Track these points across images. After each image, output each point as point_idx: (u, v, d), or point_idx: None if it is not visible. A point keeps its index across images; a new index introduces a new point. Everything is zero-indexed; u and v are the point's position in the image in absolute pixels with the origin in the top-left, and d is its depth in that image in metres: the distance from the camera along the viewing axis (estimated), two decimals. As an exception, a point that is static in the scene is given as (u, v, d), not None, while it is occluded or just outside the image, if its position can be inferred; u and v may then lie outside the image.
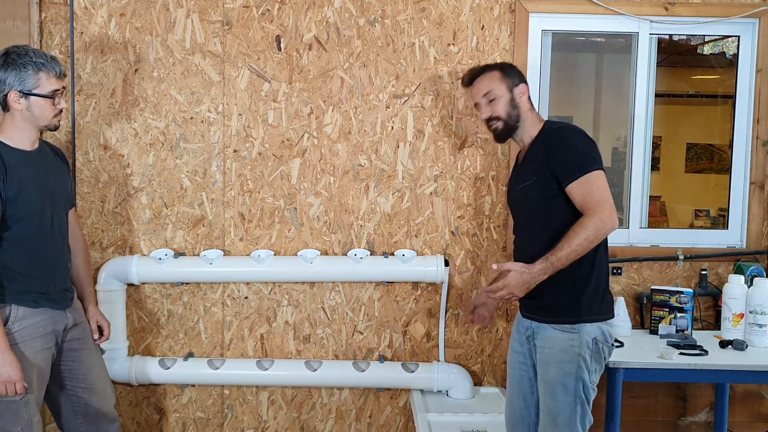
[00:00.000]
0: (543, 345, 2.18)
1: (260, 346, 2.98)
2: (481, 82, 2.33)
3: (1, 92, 2.15)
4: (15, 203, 2.14)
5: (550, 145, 2.16)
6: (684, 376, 2.56)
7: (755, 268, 2.87)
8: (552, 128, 2.23)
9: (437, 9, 2.86)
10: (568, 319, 2.14)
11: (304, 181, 2.91)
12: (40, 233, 2.22)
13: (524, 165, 2.29)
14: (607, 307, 2.19)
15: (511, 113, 2.28)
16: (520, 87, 2.29)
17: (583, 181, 2.07)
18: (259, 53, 2.86)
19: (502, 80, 2.30)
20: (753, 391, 3.09)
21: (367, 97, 2.88)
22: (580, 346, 2.11)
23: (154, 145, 2.89)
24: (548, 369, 2.16)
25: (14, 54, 2.15)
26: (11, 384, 2.10)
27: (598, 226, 2.04)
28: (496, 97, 2.28)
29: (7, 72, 2.14)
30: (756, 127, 2.96)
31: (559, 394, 2.12)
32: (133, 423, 3.01)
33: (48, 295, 2.25)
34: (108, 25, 2.83)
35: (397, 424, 3.02)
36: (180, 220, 2.91)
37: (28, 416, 2.18)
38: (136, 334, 2.95)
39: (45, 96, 2.18)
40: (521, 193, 2.26)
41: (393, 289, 2.96)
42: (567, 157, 2.11)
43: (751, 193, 2.99)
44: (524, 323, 2.28)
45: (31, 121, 2.20)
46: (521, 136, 2.30)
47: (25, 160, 2.20)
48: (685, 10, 2.90)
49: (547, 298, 2.16)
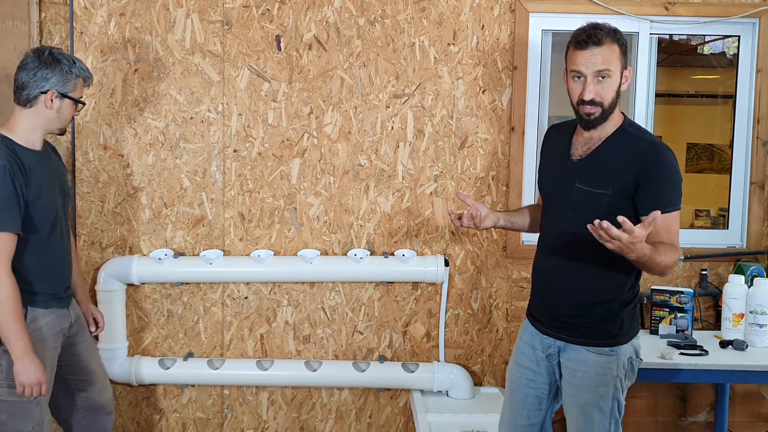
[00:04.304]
0: (575, 368, 2.02)
1: (260, 346, 2.97)
2: (602, 53, 1.91)
3: (39, 89, 2.15)
4: (34, 206, 2.14)
5: (648, 166, 1.90)
6: (684, 376, 2.55)
7: (755, 268, 2.87)
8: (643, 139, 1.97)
9: (437, 9, 2.86)
10: (606, 342, 1.98)
11: (304, 181, 2.91)
12: (53, 235, 2.23)
13: (596, 164, 1.98)
14: (637, 321, 2.06)
15: (614, 101, 1.96)
16: (629, 70, 1.96)
17: (673, 216, 1.92)
18: (259, 53, 2.86)
19: (620, 59, 1.93)
20: (753, 391, 3.09)
21: (367, 97, 2.88)
22: (617, 369, 1.99)
23: (154, 145, 2.88)
24: (581, 392, 2.01)
25: (59, 55, 2.18)
26: (37, 386, 2.11)
27: (675, 261, 1.89)
28: (608, 78, 1.92)
29: (54, 71, 2.15)
30: (756, 127, 2.96)
31: (595, 416, 2.00)
32: (133, 423, 3.00)
33: (56, 295, 2.27)
34: (108, 25, 2.83)
35: (397, 424, 3.02)
36: (180, 220, 2.91)
37: (40, 416, 2.19)
38: (136, 334, 2.95)
39: (76, 101, 2.23)
40: (584, 195, 1.97)
41: (393, 289, 2.96)
42: (665, 187, 1.91)
43: (751, 193, 2.99)
44: (544, 341, 2.09)
45: (53, 122, 2.22)
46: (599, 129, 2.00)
47: (39, 162, 2.19)
48: (685, 10, 2.90)
49: (580, 313, 2.01)
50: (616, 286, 1.99)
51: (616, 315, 1.99)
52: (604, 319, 1.99)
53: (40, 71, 2.15)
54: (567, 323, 2.03)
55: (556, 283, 2.08)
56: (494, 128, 2.91)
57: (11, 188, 2.05)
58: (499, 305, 2.98)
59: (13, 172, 2.06)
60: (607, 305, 1.99)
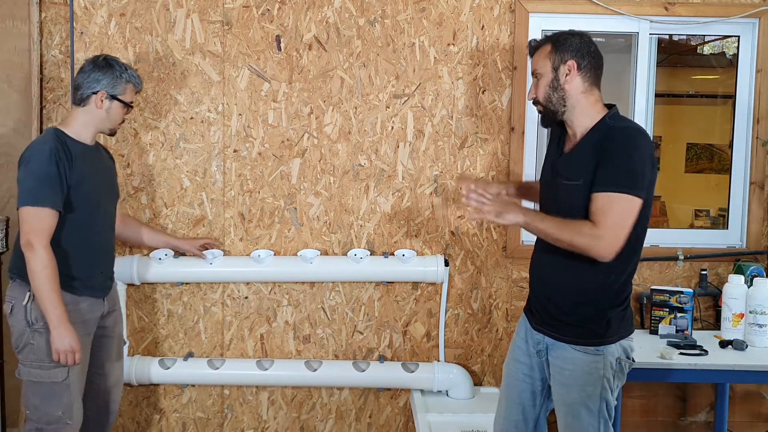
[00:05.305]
0: (562, 366, 2.02)
1: (260, 346, 2.97)
2: (534, 58, 2.06)
3: (91, 89, 2.33)
4: (76, 191, 2.27)
5: (604, 147, 1.90)
6: (684, 376, 2.56)
7: (755, 268, 2.87)
8: (614, 126, 1.94)
9: (437, 9, 2.86)
10: (592, 341, 1.97)
11: (304, 181, 2.91)
12: (93, 223, 2.37)
13: (574, 158, 2.00)
14: (628, 322, 2.03)
15: (551, 96, 2.00)
16: (566, 65, 1.97)
17: (611, 198, 1.86)
18: (259, 53, 2.86)
19: (549, 56, 2.00)
20: (753, 391, 3.09)
21: (367, 97, 2.88)
22: (604, 369, 1.97)
23: (154, 145, 2.89)
24: (569, 391, 2.01)
25: (112, 61, 2.38)
26: (71, 354, 2.22)
27: (590, 246, 1.87)
28: (540, 77, 2.02)
29: (105, 74, 2.34)
30: (756, 127, 2.96)
31: (583, 416, 2.00)
32: (133, 423, 3.01)
33: (91, 283, 2.37)
34: (108, 25, 2.83)
35: (397, 424, 3.02)
36: (180, 220, 2.91)
37: (69, 400, 2.29)
38: (136, 334, 2.95)
39: (125, 104, 2.39)
40: (563, 189, 2.01)
41: (393, 289, 2.96)
42: (611, 164, 1.88)
43: (751, 193, 2.99)
44: (535, 336, 2.10)
45: (103, 121, 2.38)
46: (570, 124, 2.03)
47: (87, 153, 2.36)
48: (685, 10, 2.90)
49: (567, 310, 2.00)
50: (604, 284, 1.98)
51: (603, 314, 1.97)
52: (590, 318, 1.98)
53: (93, 74, 2.34)
54: (555, 320, 2.04)
55: (545, 280, 2.09)
56: (494, 128, 2.91)
57: (54, 169, 2.21)
58: (498, 305, 2.98)
59: (58, 156, 2.22)
60: (594, 304, 1.98)
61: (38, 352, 2.25)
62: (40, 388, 2.27)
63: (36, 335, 2.25)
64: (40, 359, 2.25)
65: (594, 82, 2.01)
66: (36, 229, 2.19)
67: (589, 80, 2.00)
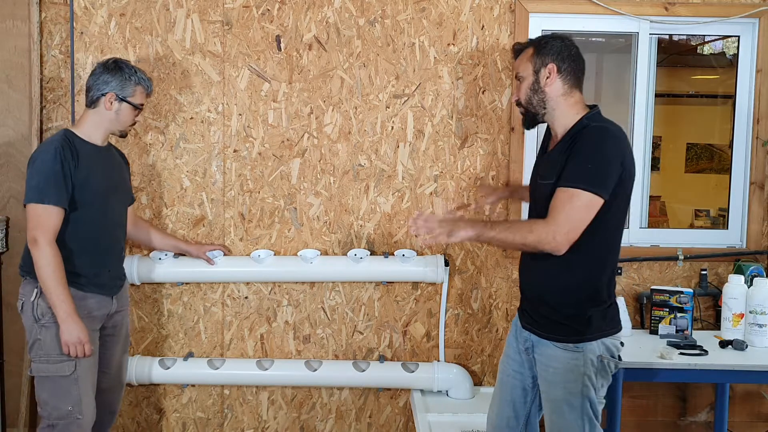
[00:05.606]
0: (546, 363, 2.05)
1: (260, 346, 2.98)
2: (517, 61, 2.13)
3: (100, 91, 2.38)
4: (83, 189, 2.31)
5: (574, 147, 1.95)
6: (684, 376, 2.56)
7: (755, 268, 2.87)
8: (587, 126, 1.98)
9: (437, 9, 2.86)
10: (570, 338, 2.00)
11: (304, 181, 2.91)
12: (100, 221, 2.40)
13: (551, 158, 2.05)
14: (611, 320, 2.04)
15: (532, 99, 2.05)
16: (547, 68, 2.02)
17: (569, 193, 1.90)
18: (259, 53, 2.86)
19: (530, 60, 2.06)
20: (753, 391, 3.09)
21: (367, 97, 2.88)
22: (584, 366, 1.98)
23: (154, 145, 2.89)
24: (553, 388, 2.04)
25: (122, 64, 2.42)
26: (80, 346, 2.26)
27: (542, 241, 1.91)
28: (522, 80, 2.08)
29: (114, 76, 2.38)
30: (756, 127, 2.96)
31: (565, 412, 2.02)
32: (133, 423, 3.01)
33: (97, 281, 2.40)
34: (108, 25, 2.83)
35: (397, 424, 3.02)
36: (180, 220, 2.91)
37: (78, 395, 2.32)
38: (136, 334, 2.95)
39: (134, 105, 2.42)
40: (540, 189, 2.06)
41: (393, 289, 2.96)
42: (573, 161, 1.92)
43: (751, 193, 2.99)
44: (523, 334, 2.15)
45: (113, 123, 2.42)
46: (552, 125, 2.08)
47: (95, 153, 2.40)
48: (685, 10, 2.90)
49: (550, 309, 2.03)
50: (582, 284, 2.00)
51: (583, 313, 1.99)
52: (571, 317, 2.00)
53: (103, 76, 2.39)
54: (541, 318, 2.07)
55: (529, 278, 2.14)
56: (494, 128, 2.91)
57: (59, 167, 2.25)
58: (498, 305, 2.98)
59: (64, 154, 2.27)
60: (575, 303, 2.00)
61: (45, 347, 2.29)
62: (48, 383, 2.31)
63: (43, 330, 2.29)
64: (47, 354, 2.29)
65: (575, 84, 2.06)
66: (41, 225, 2.23)
67: (569, 82, 2.04)
